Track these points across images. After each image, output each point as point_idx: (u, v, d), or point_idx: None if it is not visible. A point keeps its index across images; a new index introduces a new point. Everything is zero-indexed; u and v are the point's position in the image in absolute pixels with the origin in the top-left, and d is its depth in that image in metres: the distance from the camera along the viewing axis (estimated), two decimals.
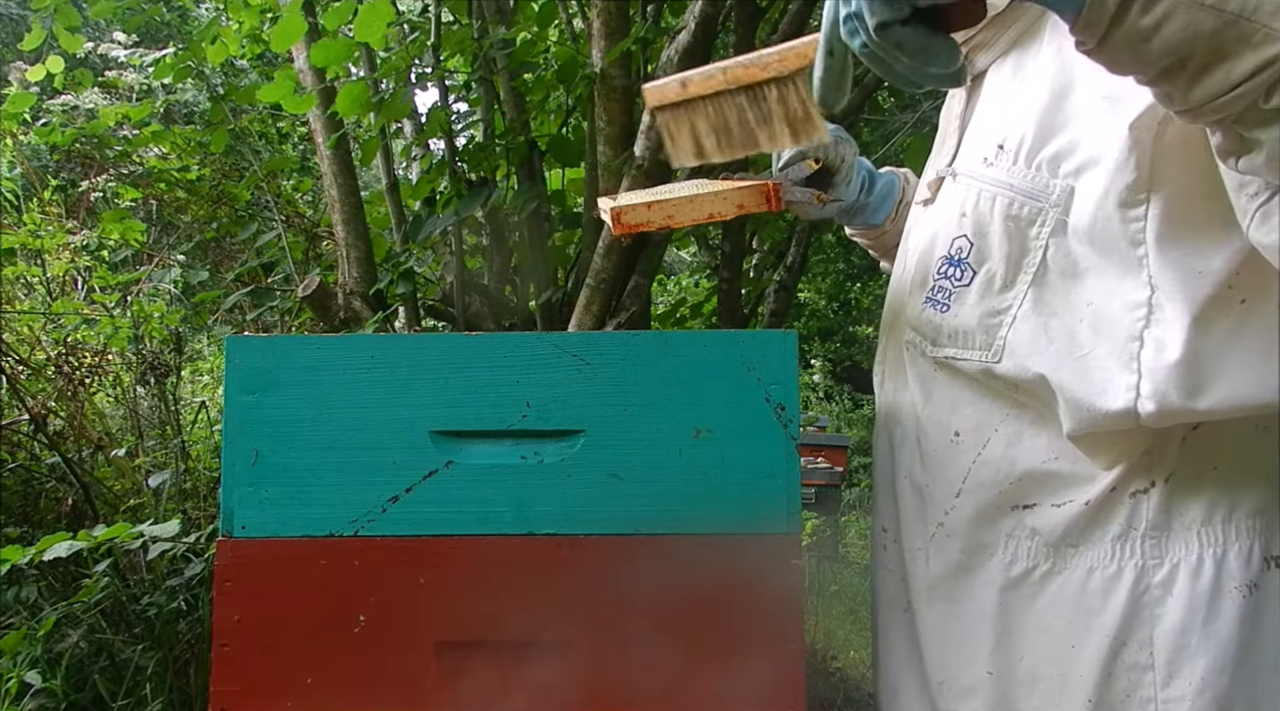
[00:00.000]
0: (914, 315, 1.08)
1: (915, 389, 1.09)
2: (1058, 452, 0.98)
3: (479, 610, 1.02)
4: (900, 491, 1.11)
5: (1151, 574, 0.94)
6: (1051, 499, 0.98)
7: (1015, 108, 1.00)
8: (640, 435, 1.02)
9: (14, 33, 9.24)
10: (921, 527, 1.07)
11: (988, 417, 1.02)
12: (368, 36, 2.12)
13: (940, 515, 1.05)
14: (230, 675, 1.01)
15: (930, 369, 1.07)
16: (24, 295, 3.42)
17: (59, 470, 2.56)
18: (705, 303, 3.33)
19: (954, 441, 1.05)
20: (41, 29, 2.49)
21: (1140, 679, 0.93)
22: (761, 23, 2.54)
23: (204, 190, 3.35)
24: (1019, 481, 1.00)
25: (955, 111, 1.12)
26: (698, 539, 1.01)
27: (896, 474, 1.12)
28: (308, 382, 1.03)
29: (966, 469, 1.03)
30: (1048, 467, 0.98)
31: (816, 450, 5.96)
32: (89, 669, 2.11)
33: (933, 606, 1.07)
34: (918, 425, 1.09)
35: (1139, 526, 0.95)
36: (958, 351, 1.02)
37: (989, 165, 1.00)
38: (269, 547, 1.02)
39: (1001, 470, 1.01)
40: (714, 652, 1.00)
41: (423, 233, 2.33)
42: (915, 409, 1.09)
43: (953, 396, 1.05)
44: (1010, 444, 1.01)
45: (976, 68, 1.08)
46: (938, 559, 1.06)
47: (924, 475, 1.08)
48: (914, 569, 1.09)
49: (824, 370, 11.26)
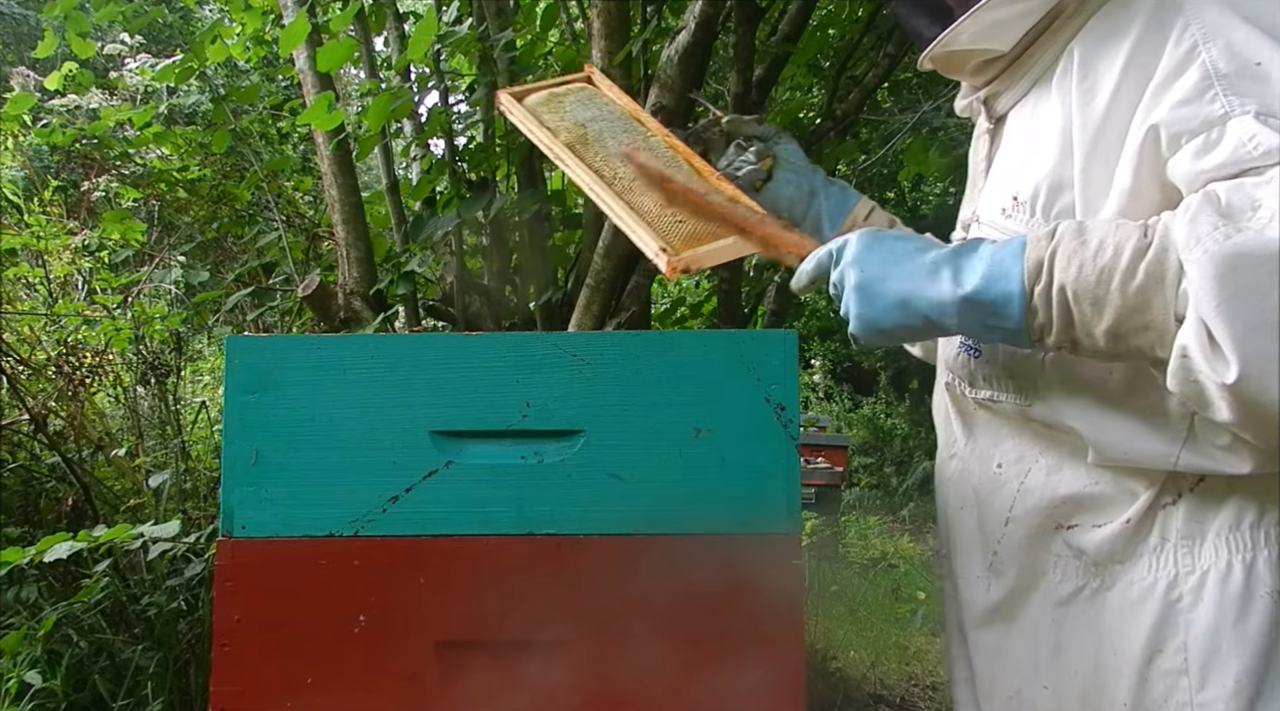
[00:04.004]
0: (950, 357, 1.11)
1: (958, 426, 1.13)
2: (1097, 478, 1.00)
3: (479, 610, 1.02)
4: (953, 521, 1.15)
5: (1183, 582, 0.95)
6: (1093, 519, 1.01)
7: (1030, 157, 1.01)
8: (640, 435, 1.02)
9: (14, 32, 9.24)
10: (980, 556, 1.10)
11: (1028, 450, 1.06)
12: (417, 54, 2.12)
13: (994, 544, 1.09)
14: (230, 675, 1.01)
15: (971, 408, 1.11)
16: (25, 295, 3.42)
17: (59, 470, 2.56)
18: (705, 302, 3.33)
19: (997, 473, 1.08)
20: (54, 36, 2.49)
21: (1176, 684, 0.95)
22: (761, 23, 2.54)
23: (204, 190, 3.35)
24: (1062, 504, 1.03)
25: (981, 153, 1.13)
26: (698, 539, 1.01)
27: (949, 505, 1.16)
28: (308, 382, 1.03)
29: (1011, 498, 1.06)
30: (1088, 491, 1.01)
31: (816, 450, 5.97)
32: (89, 669, 2.11)
33: (989, 630, 1.10)
34: (964, 460, 1.12)
35: (1170, 537, 0.97)
36: (993, 394, 1.06)
37: (1007, 217, 1.02)
38: (269, 548, 1.02)
39: (1044, 497, 1.04)
40: (714, 652, 1.00)
41: (423, 233, 2.33)
42: (959, 444, 1.13)
43: (993, 432, 1.09)
44: (1050, 472, 1.04)
45: (998, 111, 1.10)
46: (997, 586, 1.09)
47: (974, 507, 1.11)
48: (971, 597, 1.12)
49: (824, 370, 11.26)
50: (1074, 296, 0.85)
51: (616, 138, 1.20)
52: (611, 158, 1.18)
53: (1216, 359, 0.78)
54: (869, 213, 1.29)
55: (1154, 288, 0.82)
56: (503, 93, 1.27)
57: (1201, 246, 0.78)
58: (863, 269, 0.95)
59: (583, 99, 1.27)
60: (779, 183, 1.25)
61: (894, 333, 0.95)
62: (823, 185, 1.28)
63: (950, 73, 1.12)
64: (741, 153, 1.25)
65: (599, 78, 1.33)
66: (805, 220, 1.28)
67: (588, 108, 1.25)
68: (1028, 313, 0.88)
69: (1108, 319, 0.84)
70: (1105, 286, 0.84)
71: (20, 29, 9.21)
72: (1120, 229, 0.85)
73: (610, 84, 1.32)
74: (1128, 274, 0.83)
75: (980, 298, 0.89)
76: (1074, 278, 0.85)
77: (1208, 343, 0.78)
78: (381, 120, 2.29)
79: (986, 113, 1.12)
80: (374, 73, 2.67)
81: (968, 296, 0.90)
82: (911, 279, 0.93)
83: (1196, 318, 0.79)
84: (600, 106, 1.26)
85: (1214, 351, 0.78)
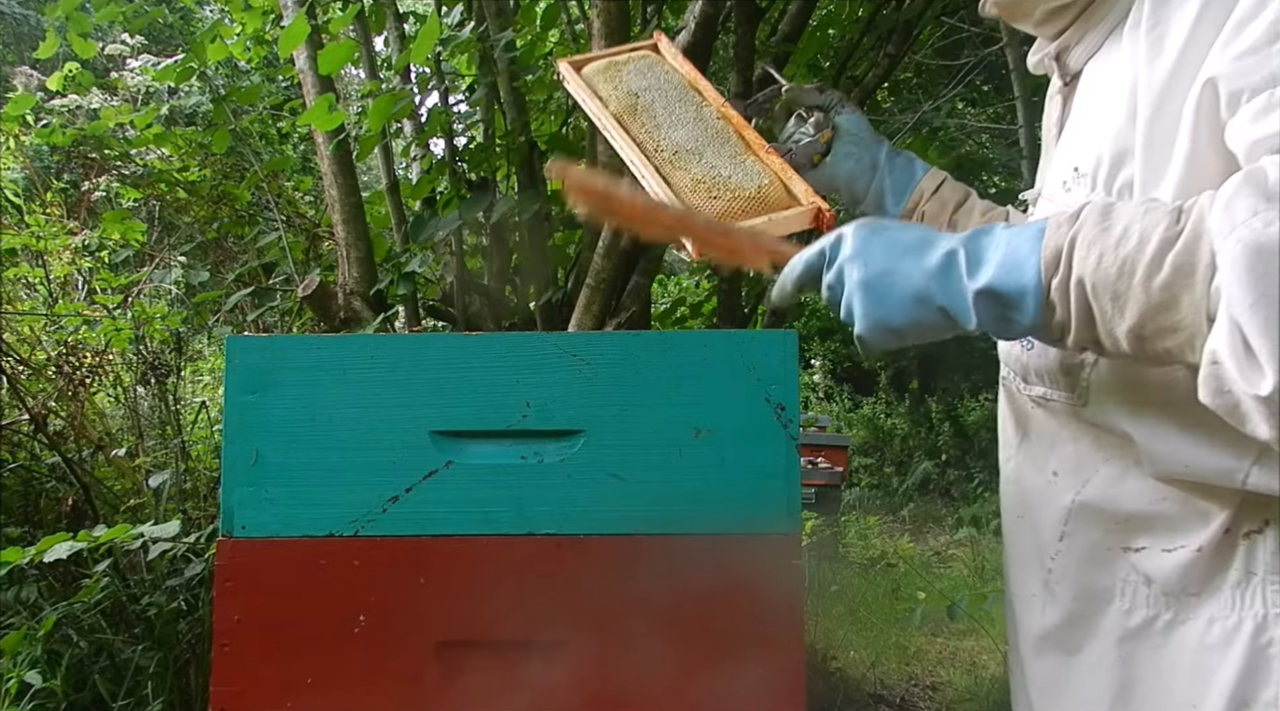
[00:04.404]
0: (1005, 350, 1.01)
1: (1011, 426, 1.03)
2: (1164, 494, 0.88)
3: (479, 610, 1.02)
4: (1009, 531, 1.05)
5: (1275, 625, 0.83)
6: (1162, 543, 0.88)
7: (1095, 121, 0.91)
8: (640, 435, 1.02)
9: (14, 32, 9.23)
10: (1035, 573, 0.99)
11: (1088, 457, 0.93)
12: (419, 57, 2.12)
13: (1048, 561, 0.97)
14: (230, 675, 1.01)
15: (1027, 406, 1.00)
16: (25, 295, 3.42)
17: (59, 470, 2.56)
18: (705, 302, 3.32)
19: (1051, 482, 0.96)
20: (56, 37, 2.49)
21: None
22: (761, 23, 2.54)
23: (204, 191, 3.35)
24: (1125, 522, 0.90)
25: (1054, 117, 1.02)
26: (698, 539, 1.01)
27: (1007, 512, 1.05)
28: (308, 382, 1.03)
29: (1066, 510, 0.95)
30: (1153, 509, 0.88)
31: (816, 450, 5.97)
32: (89, 669, 2.11)
33: (1044, 658, 0.98)
34: (1018, 464, 1.02)
35: (1257, 571, 0.84)
36: (1046, 391, 0.96)
37: (1067, 191, 0.92)
38: (269, 547, 1.02)
39: (1104, 511, 0.92)
40: (714, 652, 1.00)
41: (424, 234, 2.33)
42: (1013, 447, 1.03)
43: (1050, 435, 0.97)
44: (1112, 484, 0.91)
45: (1071, 68, 0.98)
46: (1052, 608, 0.97)
47: (1029, 517, 1.00)
48: (1025, 618, 1.01)
49: (824, 370, 11.26)
50: (1093, 291, 0.74)
51: (670, 108, 1.16)
52: (658, 128, 1.14)
53: (1250, 367, 0.65)
54: (938, 186, 1.18)
55: (1182, 283, 0.70)
56: (562, 62, 1.24)
57: (1236, 234, 0.66)
58: (866, 263, 0.83)
59: (641, 68, 1.22)
60: (838, 156, 1.16)
61: (907, 331, 0.83)
62: (887, 158, 1.18)
63: (1016, 21, 1.00)
64: (801, 124, 1.18)
65: (665, 45, 1.27)
66: (867, 196, 1.18)
67: (644, 77, 1.20)
68: (1044, 308, 0.77)
69: (1130, 318, 0.72)
70: (1127, 280, 0.72)
71: (20, 29, 9.21)
72: (1150, 213, 0.73)
73: (676, 53, 1.26)
74: (1153, 266, 0.71)
75: (995, 290, 0.78)
76: (1093, 269, 0.74)
77: (1241, 348, 0.66)
78: (382, 121, 2.29)
79: (1059, 70, 0.99)
80: (374, 73, 2.67)
81: (982, 290, 0.79)
82: (923, 271, 0.81)
83: (1229, 318, 0.66)
84: (659, 75, 1.21)
85: (1248, 358, 0.66)
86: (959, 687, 3.38)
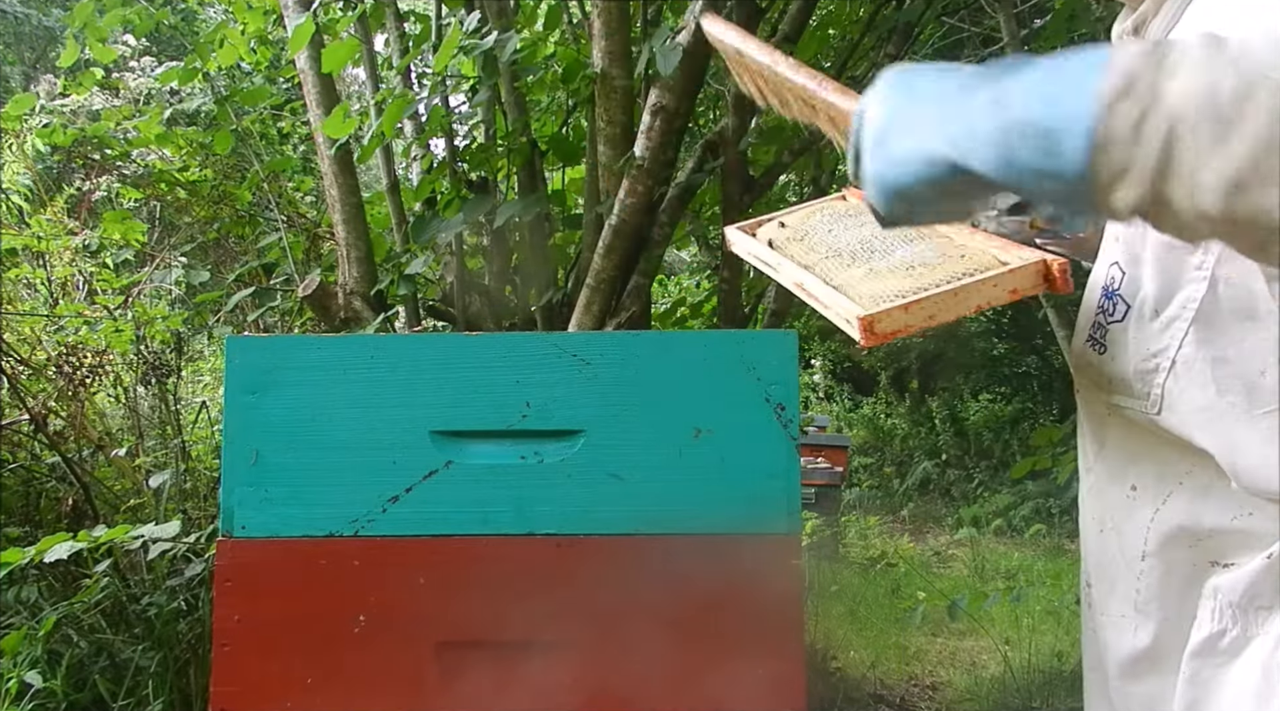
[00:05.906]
0: (1079, 355, 0.94)
1: (1090, 435, 0.96)
2: (1251, 509, 0.81)
3: (479, 610, 1.02)
4: (1090, 546, 0.98)
5: None
6: (1244, 557, 0.82)
7: None
8: (640, 435, 1.02)
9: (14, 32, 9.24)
10: (1124, 593, 0.92)
11: (1170, 469, 0.86)
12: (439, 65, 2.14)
13: (1135, 581, 0.90)
14: (230, 675, 1.01)
15: (1103, 413, 0.92)
16: (26, 296, 3.42)
17: (59, 470, 2.56)
18: (705, 302, 3.32)
19: (1131, 496, 0.90)
20: (76, 45, 2.52)
21: None
22: (761, 22, 2.54)
23: (205, 191, 3.35)
24: (1208, 538, 0.84)
25: None
26: (698, 539, 1.01)
27: (1087, 525, 0.99)
28: (308, 383, 1.03)
29: (1146, 527, 0.88)
30: (1238, 524, 0.82)
31: (816, 450, 5.98)
32: (89, 669, 2.11)
33: (1142, 681, 0.91)
34: (1097, 476, 0.95)
35: None
36: (1121, 399, 0.88)
37: None
38: (269, 548, 1.02)
39: (1185, 528, 0.85)
40: (714, 652, 1.00)
41: (426, 235, 2.34)
42: (1091, 457, 0.96)
43: (1129, 446, 0.90)
44: (1195, 498, 0.84)
45: (1149, 39, 0.88)
46: (1144, 630, 0.90)
47: (1113, 532, 0.94)
48: (1116, 640, 0.94)
49: (824, 370, 11.26)
50: (1192, 117, 0.56)
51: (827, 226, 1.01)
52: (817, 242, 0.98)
53: None
54: None
55: None
56: None
57: None
58: (882, 113, 0.70)
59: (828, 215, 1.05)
60: None
61: (916, 194, 0.69)
62: None
63: None
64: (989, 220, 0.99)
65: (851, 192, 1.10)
66: None
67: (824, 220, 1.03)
68: (1095, 149, 0.59)
69: (1237, 156, 0.55)
70: (1240, 105, 0.55)
71: (20, 29, 9.21)
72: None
73: None
74: None
75: (1030, 122, 0.61)
76: (1192, 93, 0.56)
77: None
78: (394, 125, 2.31)
79: None
80: (374, 74, 2.67)
81: (1010, 123, 0.61)
82: (938, 108, 0.67)
83: None
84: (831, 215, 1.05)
85: None
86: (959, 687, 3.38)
